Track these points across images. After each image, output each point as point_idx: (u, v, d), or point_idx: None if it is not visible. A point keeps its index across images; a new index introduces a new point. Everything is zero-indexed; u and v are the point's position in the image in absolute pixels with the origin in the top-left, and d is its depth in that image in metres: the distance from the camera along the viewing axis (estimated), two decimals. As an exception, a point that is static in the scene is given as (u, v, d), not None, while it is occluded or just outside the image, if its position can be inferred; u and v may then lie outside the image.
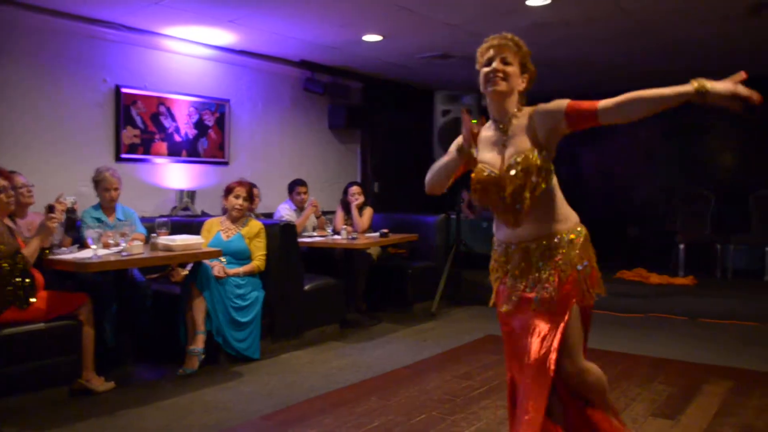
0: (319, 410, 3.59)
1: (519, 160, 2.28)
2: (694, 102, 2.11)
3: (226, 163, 6.67)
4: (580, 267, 2.30)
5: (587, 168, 9.51)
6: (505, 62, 2.38)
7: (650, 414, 3.50)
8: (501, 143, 2.38)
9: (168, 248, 4.09)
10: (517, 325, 2.40)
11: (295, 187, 6.25)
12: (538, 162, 2.27)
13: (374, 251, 6.32)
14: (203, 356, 4.33)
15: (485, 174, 2.36)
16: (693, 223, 8.30)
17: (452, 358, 4.72)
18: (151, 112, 6.03)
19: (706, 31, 6.00)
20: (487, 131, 2.46)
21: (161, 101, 6.11)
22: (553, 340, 2.25)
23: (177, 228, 4.76)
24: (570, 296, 2.28)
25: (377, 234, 5.97)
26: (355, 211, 6.28)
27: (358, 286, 5.98)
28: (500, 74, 2.35)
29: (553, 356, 2.23)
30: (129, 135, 5.86)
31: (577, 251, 2.32)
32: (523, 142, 2.32)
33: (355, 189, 6.36)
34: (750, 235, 8.01)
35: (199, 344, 4.25)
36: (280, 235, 4.88)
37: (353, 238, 5.69)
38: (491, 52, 2.41)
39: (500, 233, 2.51)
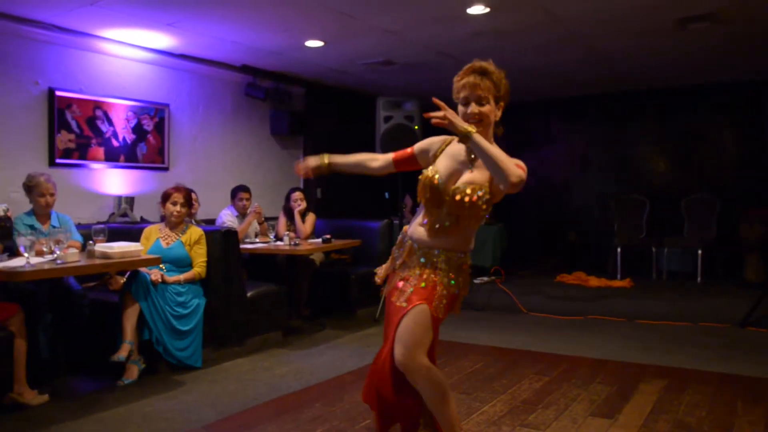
0: (262, 418, 3.54)
1: (470, 192, 2.47)
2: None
3: (166, 169, 6.54)
4: (452, 283, 2.59)
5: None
6: (480, 103, 2.52)
7: (589, 414, 3.59)
8: (464, 166, 2.57)
9: (105, 256, 3.98)
10: (389, 302, 2.67)
11: (237, 192, 6.18)
12: (483, 204, 2.51)
13: (317, 257, 6.30)
14: (144, 365, 4.22)
15: (435, 182, 2.54)
16: (629, 227, 8.57)
17: (396, 362, 4.73)
18: (87, 116, 5.87)
19: (636, 43, 6.22)
20: (456, 146, 2.63)
21: (98, 105, 5.95)
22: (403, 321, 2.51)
23: (115, 235, 4.64)
24: (422, 297, 2.52)
25: (320, 240, 5.95)
26: (297, 217, 6.25)
27: (301, 293, 5.95)
28: (476, 117, 2.51)
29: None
30: (64, 139, 5.69)
31: (457, 274, 2.61)
32: (482, 179, 2.52)
33: (297, 195, 6.33)
34: (683, 238, 8.32)
35: (122, 353, 4.11)
36: (222, 241, 4.82)
37: (296, 244, 5.66)
38: (466, 91, 2.53)
39: (415, 229, 2.67)
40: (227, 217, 6.07)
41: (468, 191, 2.47)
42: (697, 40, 6.04)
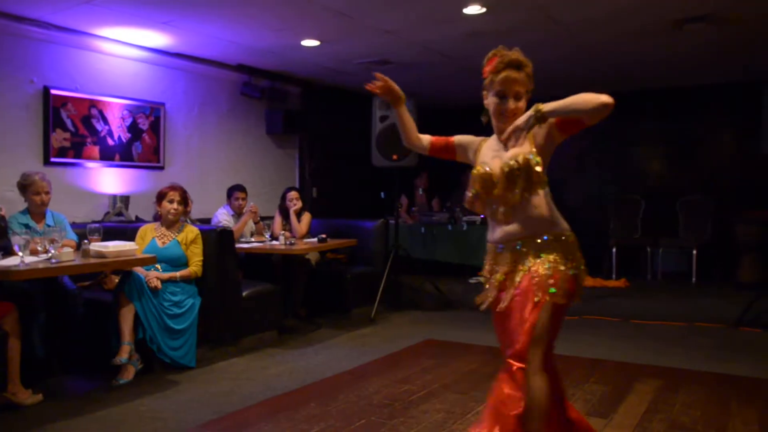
0: (257, 418, 3.54)
1: (519, 160, 2.39)
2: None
3: (161, 168, 6.53)
4: (562, 268, 2.44)
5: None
6: (517, 98, 2.50)
7: (584, 413, 3.58)
8: (500, 152, 2.52)
9: (100, 255, 3.96)
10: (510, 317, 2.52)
11: (233, 192, 6.17)
12: (536, 164, 2.40)
13: (313, 257, 6.29)
14: (141, 365, 4.22)
15: (483, 171, 2.47)
16: (624, 227, 8.58)
17: (391, 362, 4.74)
18: (82, 114, 5.85)
19: (632, 43, 6.23)
20: (491, 142, 2.62)
21: (93, 104, 5.94)
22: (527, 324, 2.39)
23: (110, 234, 4.63)
24: (535, 284, 2.40)
25: (315, 239, 5.95)
26: (293, 217, 6.24)
27: (297, 292, 5.94)
28: (514, 112, 2.47)
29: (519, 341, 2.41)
30: (59, 138, 5.68)
31: (559, 253, 2.48)
32: (523, 147, 2.45)
33: (293, 194, 6.32)
34: (678, 239, 8.33)
35: (123, 355, 4.11)
36: (218, 240, 4.81)
37: (291, 244, 5.65)
38: (503, 86, 2.49)
39: (493, 234, 2.58)
40: (223, 217, 6.06)
41: (515, 159, 2.39)
42: (693, 40, 6.05)
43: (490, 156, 2.55)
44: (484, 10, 5.14)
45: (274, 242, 5.84)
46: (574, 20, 5.50)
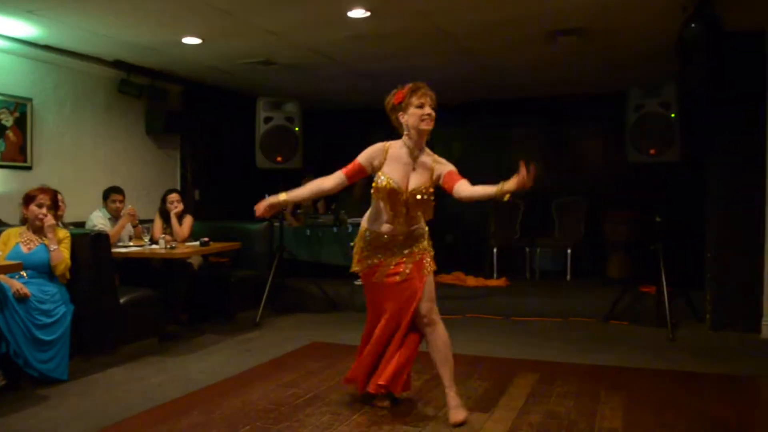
0: (136, 430, 3.39)
1: (423, 190, 3.42)
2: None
3: (28, 168, 6.11)
4: (429, 250, 3.60)
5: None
6: (433, 108, 3.45)
7: (467, 409, 3.69)
8: (408, 167, 3.46)
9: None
10: (387, 285, 3.55)
11: (109, 194, 5.89)
12: (432, 197, 3.46)
13: (195, 260, 6.12)
14: (4, 382, 3.92)
15: (392, 186, 3.40)
16: (504, 228, 8.91)
17: (277, 366, 4.68)
18: (-64, 110, 5.38)
19: (511, 52, 6.48)
20: (399, 150, 3.49)
21: (-51, 98, 5.47)
22: (417, 292, 3.49)
23: (-31, 239, 4.28)
24: (423, 266, 3.53)
25: (198, 243, 5.79)
26: (174, 220, 6.04)
27: (178, 297, 5.76)
28: (432, 116, 3.44)
29: (415, 303, 3.51)
30: None
31: (426, 241, 3.61)
32: (425, 178, 3.45)
33: (174, 196, 6.13)
34: (553, 239, 8.75)
35: None
36: (92, 245, 4.57)
37: (172, 248, 5.47)
38: (426, 99, 3.45)
39: (382, 227, 3.52)
40: (98, 220, 5.77)
41: (422, 190, 3.42)
42: (568, 52, 6.37)
43: (396, 169, 3.44)
44: (368, 14, 5.18)
45: (154, 246, 5.64)
46: (456, 28, 5.65)
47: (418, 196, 3.40)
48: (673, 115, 5.63)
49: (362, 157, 3.51)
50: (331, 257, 7.75)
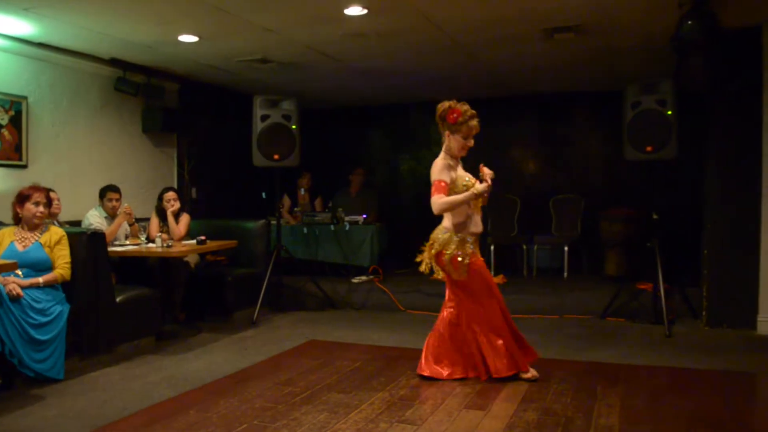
0: (132, 429, 3.38)
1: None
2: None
3: (24, 166, 6.09)
4: None
5: (406, 174, 9.87)
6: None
7: (464, 407, 3.70)
8: (459, 171, 4.21)
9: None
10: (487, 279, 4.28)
11: (105, 193, 5.88)
12: None
13: (192, 259, 6.12)
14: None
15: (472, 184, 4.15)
16: (502, 225, 8.90)
17: (274, 365, 4.68)
18: (-69, 108, 5.36)
19: (509, 49, 6.47)
20: (452, 161, 4.24)
21: (-56, 97, 5.45)
22: None
23: (-36, 238, 4.27)
24: None
25: (194, 241, 5.78)
26: (170, 218, 6.03)
27: (176, 296, 5.76)
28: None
29: None
30: None
31: None
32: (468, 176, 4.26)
33: (170, 195, 6.12)
34: (551, 236, 8.75)
35: None
36: (88, 244, 4.56)
37: (169, 246, 5.46)
38: (473, 131, 4.21)
39: (477, 227, 4.30)
40: (94, 218, 5.76)
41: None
42: (563, 49, 6.37)
43: (465, 176, 4.22)
44: (365, 11, 5.17)
45: (151, 245, 5.63)
46: (453, 25, 5.65)
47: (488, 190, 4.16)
48: (669, 113, 5.63)
49: (445, 179, 4.09)
50: (328, 255, 7.75)
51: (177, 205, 6.11)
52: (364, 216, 7.89)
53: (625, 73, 7.03)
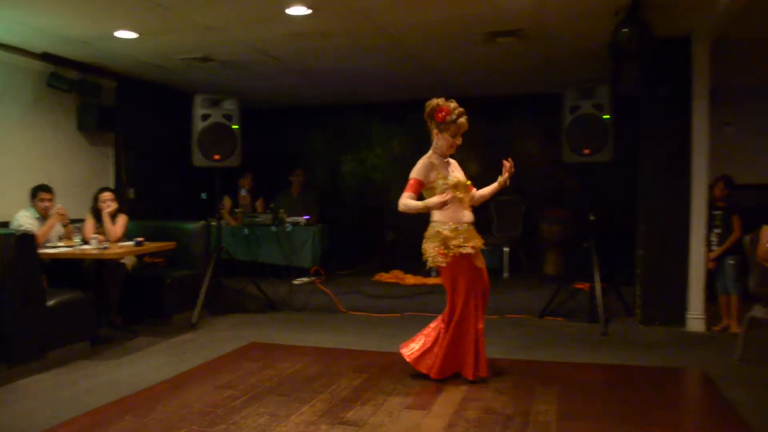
0: (63, 437, 3.28)
1: (468, 181, 4.32)
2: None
3: (-51, 165, 5.84)
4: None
5: (347, 175, 9.85)
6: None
7: (405, 407, 3.72)
8: (446, 169, 4.33)
9: None
10: (477, 269, 4.29)
11: (37, 193, 5.68)
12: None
13: (129, 261, 5.97)
14: None
15: (465, 182, 4.33)
16: (443, 227, 8.97)
17: (213, 368, 4.60)
18: None
19: (452, 52, 6.53)
20: (438, 160, 4.33)
21: None
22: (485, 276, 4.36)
23: None
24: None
25: (132, 242, 5.64)
26: (106, 219, 5.87)
27: (112, 299, 5.61)
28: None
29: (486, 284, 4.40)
30: None
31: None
32: (461, 172, 4.44)
33: (106, 195, 5.96)
34: (492, 237, 8.86)
35: None
36: (17, 246, 4.39)
37: (105, 248, 5.31)
38: (461, 130, 4.35)
39: (463, 217, 4.25)
40: (24, 219, 5.55)
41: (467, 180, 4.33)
42: (506, 53, 6.46)
43: (445, 170, 4.27)
44: (309, 11, 5.14)
45: (85, 246, 5.46)
46: (397, 27, 5.67)
47: (468, 182, 4.31)
48: (606, 117, 5.79)
49: (418, 178, 4.22)
50: (270, 257, 7.67)
51: (114, 205, 5.95)
52: (306, 217, 7.84)
53: (564, 77, 7.18)
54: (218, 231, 6.70)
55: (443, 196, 4.03)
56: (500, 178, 4.39)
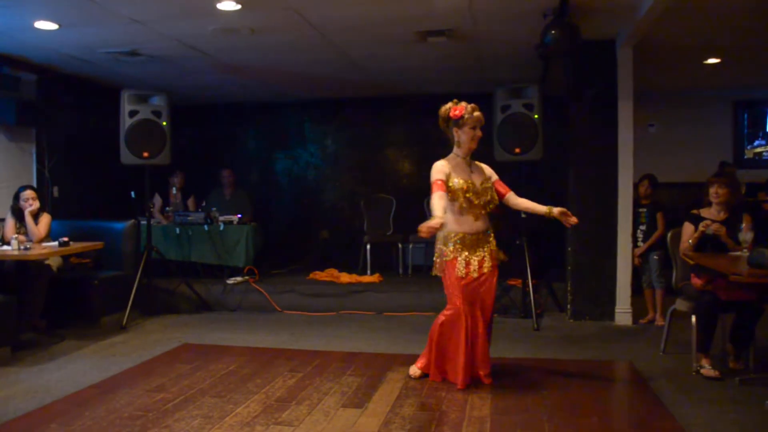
0: (-17, 447, 3.13)
1: (488, 185, 4.21)
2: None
3: None
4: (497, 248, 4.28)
5: (281, 173, 9.76)
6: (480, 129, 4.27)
7: (341, 405, 3.71)
8: (467, 173, 4.23)
9: None
10: (477, 281, 4.13)
11: (-49, 191, 5.40)
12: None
13: (54, 262, 5.74)
14: None
15: (474, 187, 4.14)
16: (377, 225, 9.01)
17: (144, 371, 4.48)
18: None
19: (383, 51, 6.55)
20: (455, 162, 4.28)
21: None
22: (492, 291, 4.20)
23: None
24: (494, 263, 4.22)
25: (56, 243, 5.42)
26: (29, 218, 5.63)
27: (35, 302, 5.37)
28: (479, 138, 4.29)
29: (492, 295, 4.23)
30: None
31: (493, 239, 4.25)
32: (483, 176, 4.28)
33: (28, 193, 5.71)
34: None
35: None
36: (-69, 247, 4.16)
37: (27, 249, 5.08)
38: (479, 122, 4.26)
39: (464, 226, 4.13)
40: (-61, 219, 5.27)
41: (488, 185, 4.21)
42: (438, 53, 6.52)
43: (462, 174, 4.19)
44: (239, 6, 5.05)
45: (6, 247, 5.21)
46: (327, 25, 5.63)
47: (486, 187, 4.18)
48: (536, 116, 5.93)
49: (440, 175, 4.10)
50: (202, 256, 7.52)
51: (36, 204, 5.71)
52: (239, 216, 7.73)
53: (495, 77, 7.30)
54: (148, 230, 6.52)
55: (435, 222, 3.72)
56: (556, 211, 4.16)
